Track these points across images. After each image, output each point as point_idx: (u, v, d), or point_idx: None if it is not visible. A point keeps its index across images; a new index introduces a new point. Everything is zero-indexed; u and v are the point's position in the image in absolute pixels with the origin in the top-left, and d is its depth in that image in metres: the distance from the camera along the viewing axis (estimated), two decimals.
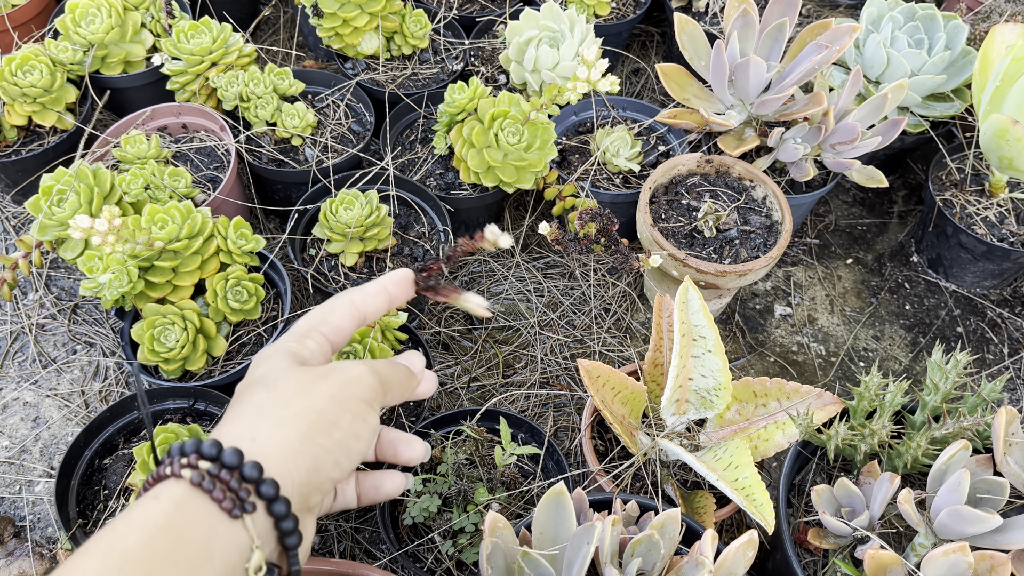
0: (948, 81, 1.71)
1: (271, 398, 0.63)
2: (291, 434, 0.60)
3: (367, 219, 1.43)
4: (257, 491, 0.56)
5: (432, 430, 1.35)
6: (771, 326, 1.72)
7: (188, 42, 1.61)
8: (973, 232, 1.62)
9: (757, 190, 1.58)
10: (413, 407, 1.43)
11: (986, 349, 1.69)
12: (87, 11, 1.63)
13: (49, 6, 1.88)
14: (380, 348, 0.88)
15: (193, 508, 0.54)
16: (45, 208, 1.30)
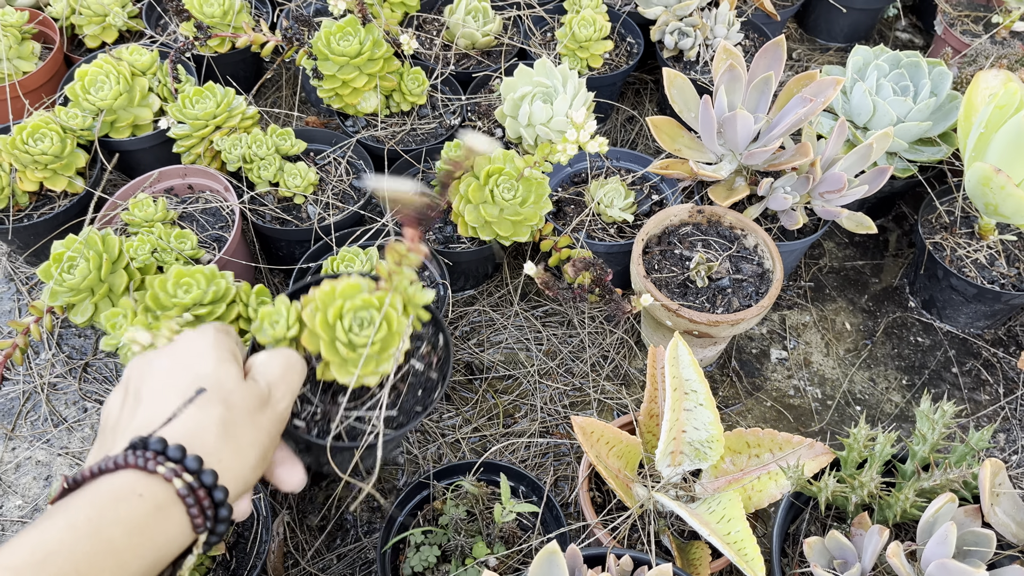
0: (934, 126, 1.75)
1: (231, 418, 0.69)
2: (244, 464, 0.69)
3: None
4: (216, 514, 0.65)
5: (435, 481, 1.38)
6: (767, 370, 1.74)
7: (193, 107, 1.67)
8: (964, 275, 1.65)
9: (748, 239, 1.61)
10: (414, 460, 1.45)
11: (982, 390, 1.70)
12: (96, 78, 1.68)
13: (59, 73, 1.94)
14: (398, 320, 0.87)
15: (169, 516, 0.62)
16: (56, 275, 1.35)
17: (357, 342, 0.82)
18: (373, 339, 0.82)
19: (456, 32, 1.98)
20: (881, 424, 1.65)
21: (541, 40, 2.09)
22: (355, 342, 0.82)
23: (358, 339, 0.82)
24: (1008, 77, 1.58)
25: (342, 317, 0.82)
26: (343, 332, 0.81)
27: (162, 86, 1.80)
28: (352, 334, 0.82)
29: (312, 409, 0.90)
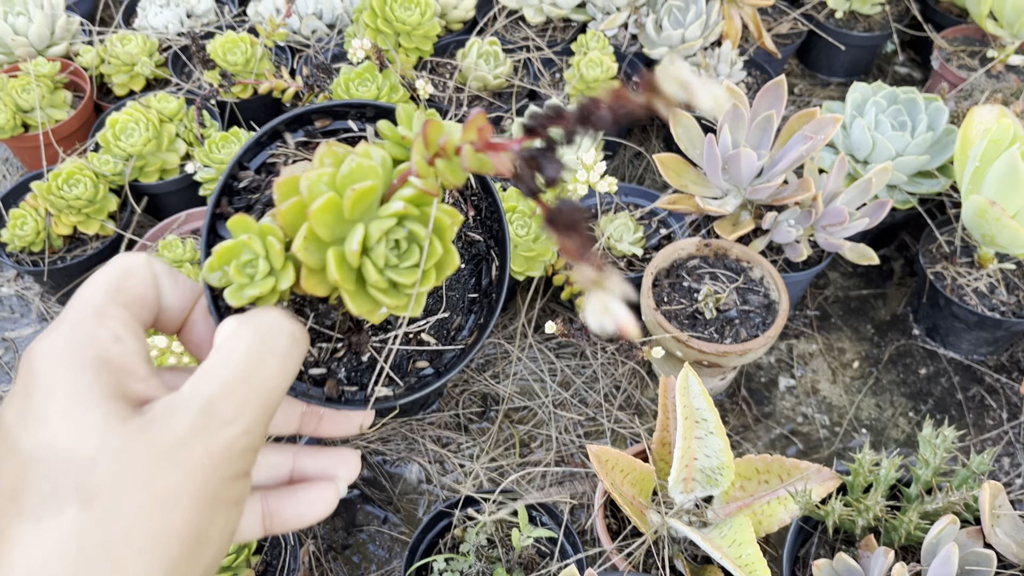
0: (932, 160, 1.81)
1: (90, 525, 0.36)
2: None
3: None
4: None
5: (454, 509, 1.43)
6: (776, 398, 1.79)
7: (219, 151, 1.74)
8: (965, 303, 1.70)
9: (754, 271, 1.67)
10: (433, 490, 1.50)
11: (986, 415, 1.75)
12: (126, 125, 1.76)
13: (89, 120, 2.03)
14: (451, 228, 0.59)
15: None
16: None
17: (401, 281, 0.56)
18: (423, 268, 0.56)
19: (468, 75, 2.06)
20: (887, 449, 1.69)
21: (550, 81, 2.17)
22: (398, 282, 0.56)
23: (401, 276, 0.55)
24: (1002, 112, 1.64)
25: (369, 250, 0.54)
26: (375, 272, 0.54)
27: (188, 131, 1.88)
28: (391, 270, 0.55)
29: (328, 347, 0.66)
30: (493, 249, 0.72)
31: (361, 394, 0.66)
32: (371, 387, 0.67)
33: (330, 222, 0.54)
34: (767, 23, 2.41)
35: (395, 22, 1.92)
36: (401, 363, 0.68)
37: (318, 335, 0.66)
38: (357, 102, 0.67)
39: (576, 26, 2.29)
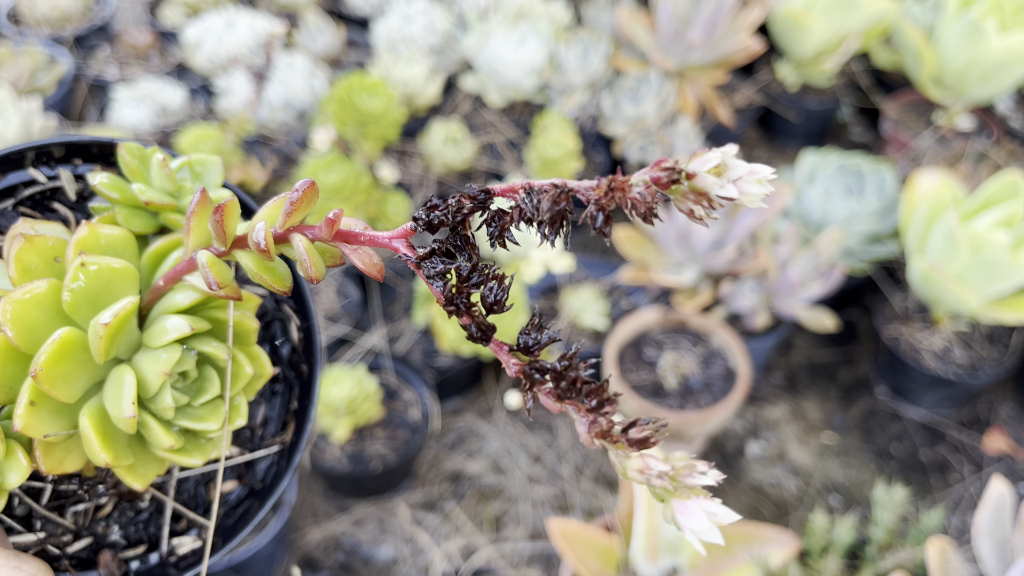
0: (882, 223, 1.87)
1: None
2: None
3: (355, 396, 1.56)
4: None
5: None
6: (746, 463, 1.81)
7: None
8: (920, 365, 1.74)
9: (714, 340, 1.71)
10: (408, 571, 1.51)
11: (949, 473, 1.77)
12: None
13: None
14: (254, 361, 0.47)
15: None
16: None
17: (202, 428, 0.42)
18: (230, 397, 0.44)
19: (433, 159, 2.12)
20: (855, 510, 1.71)
21: (514, 160, 2.24)
22: (198, 430, 0.42)
23: (201, 420, 0.42)
24: (942, 177, 1.71)
25: (149, 401, 0.40)
26: (163, 430, 0.40)
27: None
28: (184, 417, 0.42)
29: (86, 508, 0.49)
30: (285, 303, 0.54)
31: (154, 555, 0.49)
32: (163, 541, 0.49)
33: (72, 372, 0.38)
34: (726, 95, 2.50)
35: (360, 111, 1.99)
36: (197, 492, 0.51)
37: (65, 497, 0.48)
38: (36, 144, 0.48)
39: (537, 107, 2.37)
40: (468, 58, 2.32)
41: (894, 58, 2.39)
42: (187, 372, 0.42)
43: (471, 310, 0.34)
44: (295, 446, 0.52)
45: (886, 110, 2.36)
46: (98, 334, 0.37)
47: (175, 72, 2.49)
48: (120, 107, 2.24)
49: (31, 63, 2.40)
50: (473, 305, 0.35)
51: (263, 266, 0.38)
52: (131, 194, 0.43)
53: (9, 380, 0.38)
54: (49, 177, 0.49)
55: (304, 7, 2.69)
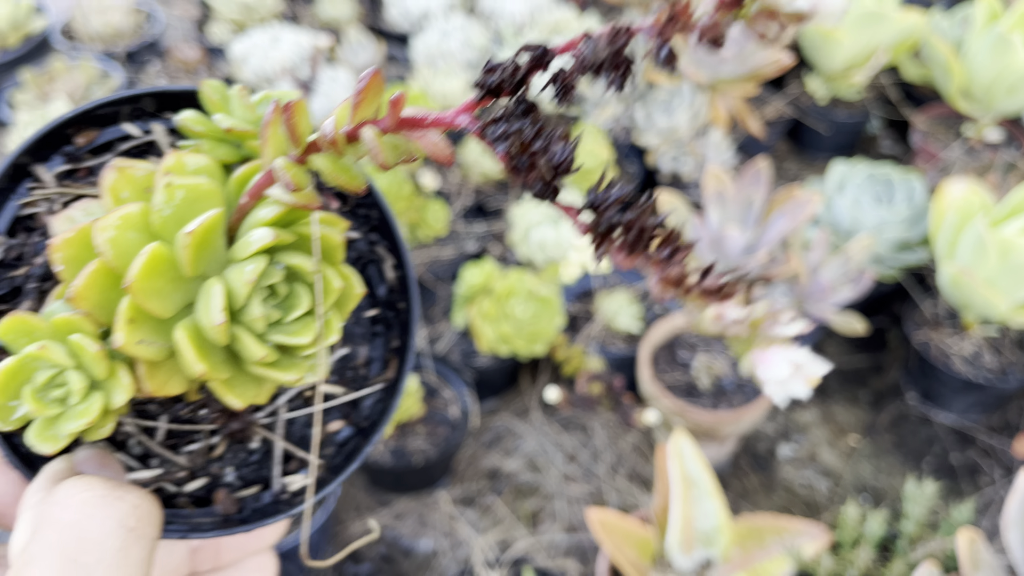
0: (911, 231, 1.91)
1: None
2: None
3: None
4: None
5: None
6: (777, 465, 1.85)
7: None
8: (951, 370, 1.77)
9: None
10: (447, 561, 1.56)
11: (979, 476, 1.80)
12: None
13: None
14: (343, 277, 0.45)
15: None
16: None
17: (295, 343, 0.42)
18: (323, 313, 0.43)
19: (471, 168, 2.19)
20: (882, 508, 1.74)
21: None
22: (290, 345, 0.42)
23: (294, 335, 0.42)
24: (971, 185, 1.75)
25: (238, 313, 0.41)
26: (256, 342, 0.41)
27: None
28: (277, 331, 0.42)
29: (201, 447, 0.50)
30: (378, 244, 0.56)
31: (267, 494, 0.51)
32: (274, 480, 0.50)
33: (165, 288, 0.39)
34: (756, 107, 2.55)
35: None
36: (305, 434, 0.53)
37: (179, 437, 0.49)
38: (128, 94, 0.49)
39: (572, 119, 2.44)
40: None
41: (923, 71, 2.43)
42: (276, 288, 0.42)
43: (535, 169, 0.33)
44: (397, 383, 0.54)
45: (915, 122, 2.40)
46: (184, 244, 0.38)
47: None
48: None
49: (85, 77, 2.50)
50: (536, 165, 0.34)
51: (337, 165, 0.38)
52: (213, 125, 0.45)
53: (108, 303, 0.39)
54: (144, 131, 0.51)
55: (346, 23, 2.78)
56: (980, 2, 2.12)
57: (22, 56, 2.70)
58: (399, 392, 0.54)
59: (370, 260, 0.56)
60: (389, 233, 0.55)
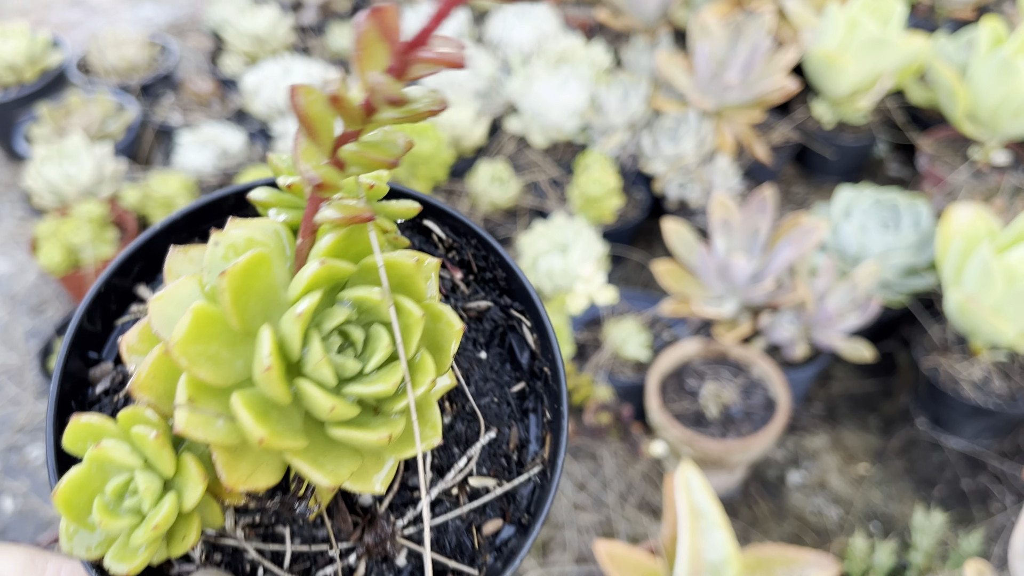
0: (918, 256, 1.91)
1: None
2: None
3: None
4: None
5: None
6: (787, 492, 1.85)
7: None
8: (960, 395, 1.77)
9: (754, 370, 1.76)
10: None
11: (990, 501, 1.79)
12: None
13: None
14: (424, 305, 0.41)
15: None
16: None
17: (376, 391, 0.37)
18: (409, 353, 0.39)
19: (479, 197, 2.22)
20: (895, 536, 1.74)
21: (557, 198, 2.32)
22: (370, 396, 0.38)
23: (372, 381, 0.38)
24: (977, 211, 1.75)
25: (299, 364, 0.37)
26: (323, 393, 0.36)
27: None
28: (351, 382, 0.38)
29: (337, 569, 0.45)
30: (512, 307, 0.51)
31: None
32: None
33: (218, 352, 0.35)
34: (763, 133, 2.57)
35: (411, 153, 2.09)
36: (461, 541, 0.46)
37: (310, 560, 0.44)
38: (209, 199, 0.48)
39: (579, 147, 2.46)
40: (512, 101, 2.42)
41: (928, 95, 2.44)
42: (349, 333, 0.37)
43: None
44: (553, 462, 0.46)
45: (921, 146, 2.41)
46: (222, 288, 0.33)
47: (235, 117, 2.63)
48: (185, 151, 2.37)
49: (101, 110, 2.55)
50: None
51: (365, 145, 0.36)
52: (276, 193, 0.43)
53: (167, 386, 0.36)
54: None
55: None
56: (984, 27, 2.13)
57: (39, 91, 2.75)
58: (557, 473, 0.46)
59: (508, 327, 0.51)
60: (521, 292, 0.49)
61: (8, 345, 2.27)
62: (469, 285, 0.51)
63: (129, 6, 3.86)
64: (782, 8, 2.45)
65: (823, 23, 2.31)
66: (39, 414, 2.10)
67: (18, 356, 2.24)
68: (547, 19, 2.68)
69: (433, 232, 0.52)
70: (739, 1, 2.45)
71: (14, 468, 1.99)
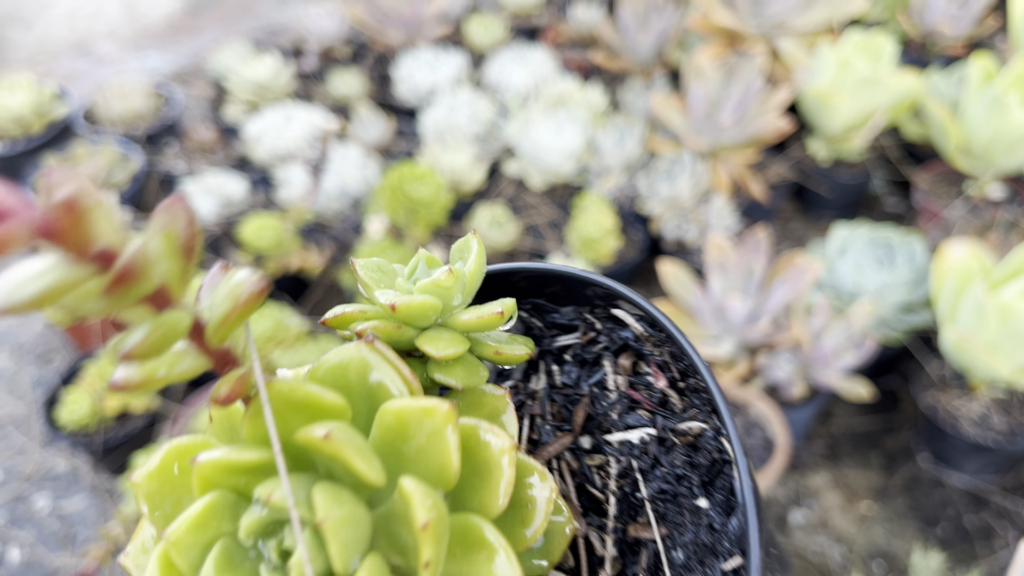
0: (914, 294, 1.92)
1: None
2: None
3: None
4: None
5: None
6: (790, 531, 1.85)
7: (253, 328, 1.92)
8: (959, 432, 1.77)
9: (752, 410, 1.77)
10: None
11: (993, 538, 1.78)
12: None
13: None
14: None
15: None
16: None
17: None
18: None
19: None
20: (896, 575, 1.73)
21: (555, 239, 2.35)
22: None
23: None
24: (970, 247, 1.77)
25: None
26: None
27: None
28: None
29: None
30: (722, 433, 0.41)
31: None
32: None
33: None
34: (759, 171, 2.59)
35: (411, 198, 2.12)
36: None
37: None
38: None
39: (576, 189, 2.49)
40: (510, 144, 2.45)
41: (923, 131, 2.46)
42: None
43: None
44: None
45: (917, 181, 2.43)
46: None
47: (237, 165, 2.67)
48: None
49: (107, 161, 2.59)
50: None
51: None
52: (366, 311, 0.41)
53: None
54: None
55: (356, 100, 2.87)
56: (974, 63, 2.16)
57: (46, 142, 2.80)
58: None
59: (723, 461, 0.40)
60: (720, 418, 0.39)
61: (15, 394, 2.29)
62: (682, 396, 0.42)
63: (135, 56, 3.94)
64: (775, 49, 2.48)
65: (815, 63, 2.35)
66: (45, 463, 2.12)
67: (25, 405, 2.26)
68: (544, 62, 2.72)
69: (626, 323, 0.44)
70: (732, 42, 2.49)
71: (20, 518, 2.00)
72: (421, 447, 0.33)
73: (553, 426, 0.46)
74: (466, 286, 0.41)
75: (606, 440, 0.43)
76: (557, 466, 0.45)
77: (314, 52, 3.09)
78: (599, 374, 0.46)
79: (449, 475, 0.32)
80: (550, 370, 0.49)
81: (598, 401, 0.45)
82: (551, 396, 0.47)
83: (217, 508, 0.33)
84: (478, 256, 0.41)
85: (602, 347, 0.48)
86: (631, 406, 0.44)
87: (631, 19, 2.55)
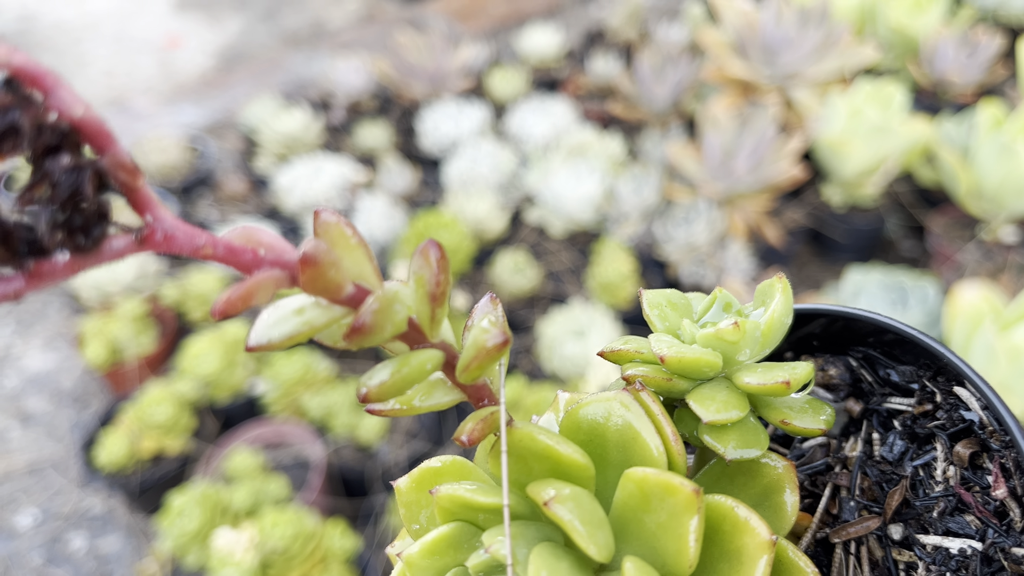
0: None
1: None
2: None
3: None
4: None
5: None
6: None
7: (282, 370, 1.99)
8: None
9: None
10: None
11: None
12: (201, 352, 2.03)
13: (173, 344, 2.32)
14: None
15: None
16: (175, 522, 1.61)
17: None
18: None
19: (502, 286, 2.31)
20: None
21: (575, 284, 2.41)
22: None
23: None
24: (981, 290, 1.81)
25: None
26: None
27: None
28: None
29: None
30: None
31: None
32: None
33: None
34: (775, 216, 2.65)
35: None
36: None
37: None
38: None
39: (595, 235, 2.56)
40: (531, 193, 2.53)
41: (935, 176, 2.52)
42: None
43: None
44: None
45: (931, 225, 2.47)
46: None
47: (268, 214, 2.77)
48: None
49: None
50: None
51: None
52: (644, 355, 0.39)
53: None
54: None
55: (383, 151, 2.97)
56: (982, 111, 2.22)
57: None
58: None
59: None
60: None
61: (54, 437, 2.37)
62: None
63: (169, 110, 4.09)
64: (788, 98, 2.56)
65: (827, 111, 2.42)
66: (82, 504, 2.19)
67: (63, 448, 2.34)
68: (564, 113, 2.81)
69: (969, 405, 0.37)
70: (746, 92, 2.57)
71: (58, 557, 2.06)
72: (662, 524, 0.32)
73: (859, 504, 0.41)
74: (760, 339, 0.37)
75: (918, 540, 0.38)
76: (855, 551, 0.39)
77: (341, 105, 3.21)
78: (927, 456, 0.40)
79: (683, 563, 0.31)
80: (870, 437, 0.43)
81: (919, 488, 0.40)
82: (864, 468, 0.42)
83: (451, 539, 0.36)
84: (781, 305, 0.36)
85: (938, 424, 0.41)
86: (958, 507, 0.38)
87: (648, 71, 2.65)
